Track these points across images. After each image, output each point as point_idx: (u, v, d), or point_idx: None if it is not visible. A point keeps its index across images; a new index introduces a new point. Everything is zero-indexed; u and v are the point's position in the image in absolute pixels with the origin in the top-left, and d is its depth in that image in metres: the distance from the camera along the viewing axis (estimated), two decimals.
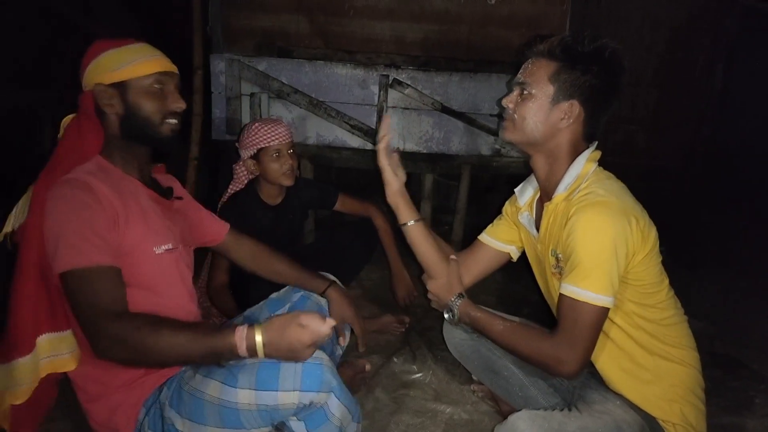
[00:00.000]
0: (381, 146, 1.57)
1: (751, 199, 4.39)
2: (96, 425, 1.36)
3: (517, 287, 3.06)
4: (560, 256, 1.40)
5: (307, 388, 1.18)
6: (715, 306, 2.86)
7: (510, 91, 1.48)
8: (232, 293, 2.15)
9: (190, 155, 3.10)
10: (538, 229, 1.54)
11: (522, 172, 3.71)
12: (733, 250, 3.75)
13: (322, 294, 1.74)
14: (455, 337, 1.92)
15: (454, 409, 1.89)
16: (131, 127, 1.35)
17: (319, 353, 1.23)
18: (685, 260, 1.48)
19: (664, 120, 4.46)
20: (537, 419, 1.28)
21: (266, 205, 2.28)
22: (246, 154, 2.20)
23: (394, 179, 1.59)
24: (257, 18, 3.49)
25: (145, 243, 1.32)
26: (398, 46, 3.77)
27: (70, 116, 1.39)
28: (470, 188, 3.51)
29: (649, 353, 1.39)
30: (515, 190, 1.69)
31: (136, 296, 1.27)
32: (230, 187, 2.35)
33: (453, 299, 1.61)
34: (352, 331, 1.82)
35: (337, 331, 1.74)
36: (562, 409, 1.36)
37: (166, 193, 1.50)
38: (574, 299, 1.30)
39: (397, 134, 3.47)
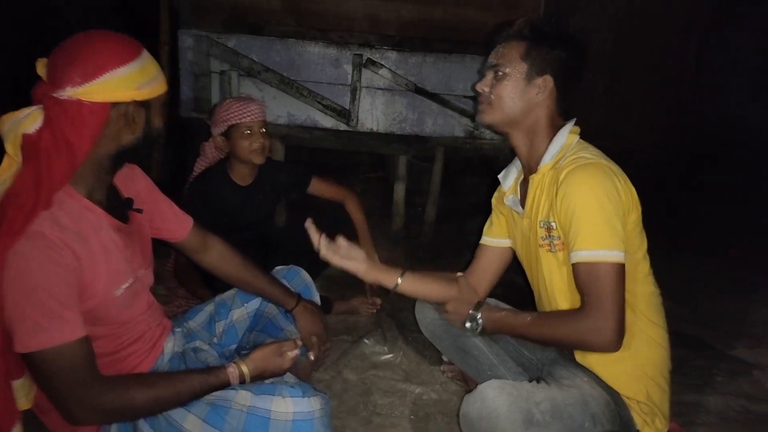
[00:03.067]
0: (327, 255, 1.53)
1: (724, 182, 4.48)
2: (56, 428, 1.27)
3: None
4: (553, 224, 1.41)
5: None
6: (683, 288, 2.90)
7: (482, 76, 1.51)
8: (199, 273, 2.11)
9: None
10: (523, 206, 1.55)
11: (495, 153, 3.71)
12: (703, 233, 3.82)
13: (290, 311, 1.69)
14: (427, 317, 1.91)
15: (423, 389, 1.89)
16: (138, 147, 1.21)
17: (312, 402, 1.19)
18: (657, 243, 1.49)
19: (640, 104, 4.49)
20: (506, 387, 1.28)
21: (236, 185, 2.24)
22: (217, 131, 2.15)
23: (358, 265, 1.56)
24: None
25: (107, 290, 1.20)
26: (372, 25, 3.71)
27: (10, 116, 1.09)
28: (444, 170, 3.51)
29: (628, 330, 1.39)
30: (498, 176, 1.69)
31: (96, 331, 1.18)
32: (197, 165, 2.30)
33: (472, 310, 1.55)
34: None
35: (306, 347, 1.68)
36: (530, 381, 1.36)
37: (126, 206, 1.35)
38: (589, 263, 1.29)
39: (371, 115, 3.43)
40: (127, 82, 1.12)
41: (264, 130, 2.15)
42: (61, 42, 1.14)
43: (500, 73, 1.46)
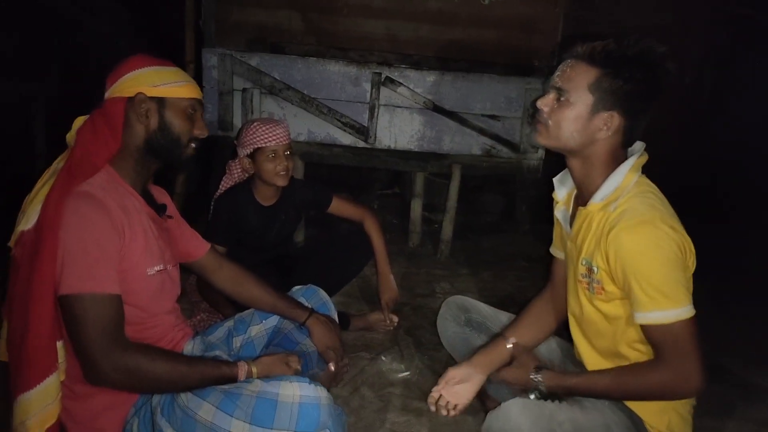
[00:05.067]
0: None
1: (737, 205, 4.44)
2: (75, 425, 1.32)
3: (503, 285, 3.09)
4: (594, 268, 1.34)
5: (303, 429, 1.19)
6: (700, 311, 2.89)
7: (546, 92, 1.39)
8: None
9: None
10: (572, 225, 1.48)
11: (512, 172, 3.73)
12: (718, 256, 3.79)
13: (303, 324, 1.72)
14: (448, 330, 1.93)
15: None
16: (158, 143, 1.36)
17: (319, 390, 1.24)
18: None
19: (653, 125, 4.49)
20: (529, 406, 1.29)
21: (260, 205, 2.28)
22: (243, 152, 2.19)
23: (481, 380, 1.52)
24: (250, 13, 3.48)
25: (141, 265, 1.32)
26: (392, 44, 3.77)
27: (82, 118, 1.36)
28: (460, 187, 3.53)
29: None
30: (554, 179, 1.56)
31: (126, 316, 1.27)
32: (222, 183, 2.34)
33: (533, 375, 1.42)
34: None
35: (324, 360, 1.72)
36: (553, 401, 1.35)
37: (160, 209, 1.50)
38: (661, 325, 1.24)
39: (389, 132, 3.48)
40: (139, 80, 1.33)
41: (288, 153, 2.19)
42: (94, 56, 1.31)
43: (563, 99, 1.33)
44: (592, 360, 1.48)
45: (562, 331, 1.66)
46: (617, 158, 1.37)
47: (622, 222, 1.26)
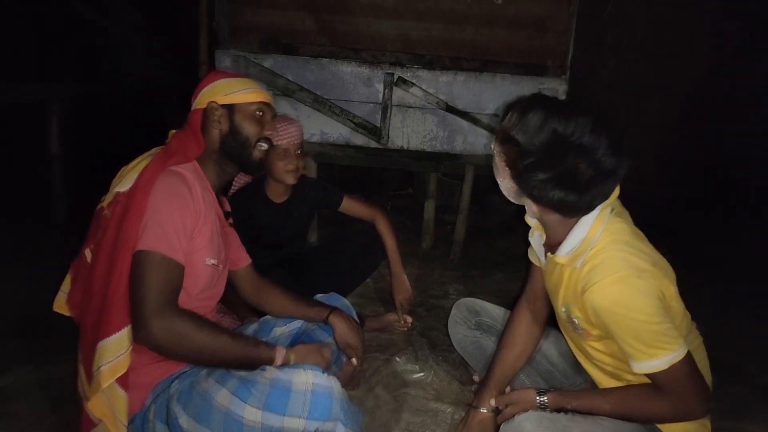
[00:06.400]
0: None
1: (752, 205, 4.40)
2: None
3: (516, 286, 3.07)
4: (575, 320, 1.36)
5: (314, 417, 1.23)
6: (713, 311, 2.85)
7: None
8: None
9: None
10: (546, 257, 1.46)
11: None
12: (731, 254, 3.76)
13: (325, 321, 1.75)
14: (459, 333, 1.95)
15: (455, 409, 1.90)
16: (231, 145, 1.52)
17: (332, 381, 1.27)
18: (684, 265, 1.47)
19: (667, 125, 4.46)
20: (543, 421, 1.30)
21: (271, 202, 2.30)
22: None
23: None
24: (263, 14, 3.49)
25: (203, 252, 1.43)
26: (403, 44, 3.76)
27: (174, 130, 1.56)
28: (473, 188, 3.53)
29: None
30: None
31: None
32: (235, 180, 2.36)
33: (539, 399, 1.42)
34: None
35: (346, 356, 1.76)
36: (566, 413, 1.36)
37: (227, 215, 1.65)
38: (662, 371, 1.24)
39: (402, 132, 3.48)
40: (213, 91, 1.51)
41: (299, 151, 2.20)
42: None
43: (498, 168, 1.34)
44: (599, 378, 1.48)
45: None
46: (573, 216, 1.32)
47: (596, 282, 1.24)
